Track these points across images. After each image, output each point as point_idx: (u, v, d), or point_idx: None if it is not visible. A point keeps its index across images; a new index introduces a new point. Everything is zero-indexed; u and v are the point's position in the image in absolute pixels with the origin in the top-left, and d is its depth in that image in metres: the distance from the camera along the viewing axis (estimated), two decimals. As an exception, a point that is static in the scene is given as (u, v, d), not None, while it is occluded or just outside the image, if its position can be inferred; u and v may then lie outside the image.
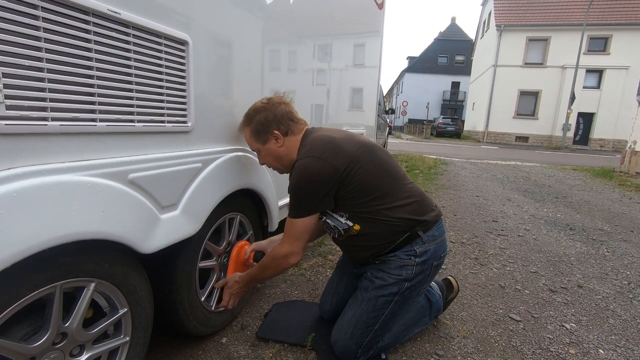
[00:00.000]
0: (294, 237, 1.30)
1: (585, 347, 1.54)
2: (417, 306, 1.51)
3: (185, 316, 1.30)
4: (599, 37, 17.99)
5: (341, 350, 1.35)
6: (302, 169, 1.24)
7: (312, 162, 1.23)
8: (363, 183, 1.26)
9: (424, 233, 1.33)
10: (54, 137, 0.78)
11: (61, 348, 0.87)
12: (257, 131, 1.33)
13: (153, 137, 1.04)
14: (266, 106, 1.32)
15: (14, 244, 0.68)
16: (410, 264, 1.31)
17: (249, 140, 1.38)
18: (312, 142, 1.29)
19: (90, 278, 0.89)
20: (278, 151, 1.35)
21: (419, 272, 1.32)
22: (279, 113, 1.32)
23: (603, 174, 7.47)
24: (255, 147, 1.38)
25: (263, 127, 1.32)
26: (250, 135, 1.36)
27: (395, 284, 1.31)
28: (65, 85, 0.79)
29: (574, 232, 3.28)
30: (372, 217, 1.29)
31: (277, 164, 1.40)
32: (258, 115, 1.32)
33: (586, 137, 18.85)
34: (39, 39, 0.73)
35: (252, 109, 1.35)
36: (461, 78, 33.61)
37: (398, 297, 1.32)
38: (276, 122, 1.32)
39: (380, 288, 1.33)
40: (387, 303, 1.33)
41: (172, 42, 1.06)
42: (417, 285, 1.34)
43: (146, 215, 0.99)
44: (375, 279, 1.34)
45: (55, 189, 0.75)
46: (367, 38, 3.49)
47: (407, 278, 1.31)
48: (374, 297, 1.33)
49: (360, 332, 1.33)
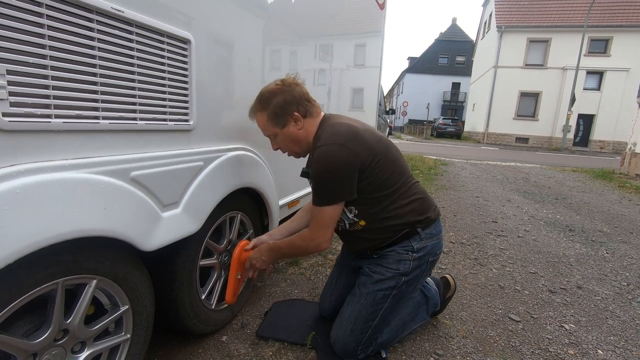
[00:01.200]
0: (322, 224, 1.27)
1: (584, 348, 1.55)
2: (414, 301, 1.52)
3: (186, 314, 1.30)
4: (600, 38, 17.99)
5: (341, 347, 1.35)
6: (328, 156, 1.19)
7: (338, 149, 1.19)
8: (380, 177, 1.26)
9: (423, 230, 1.35)
10: (57, 135, 0.78)
11: (63, 345, 0.88)
12: (275, 115, 1.27)
13: (155, 135, 1.05)
14: (282, 88, 1.26)
15: (17, 240, 0.68)
16: (408, 259, 1.33)
17: (265, 125, 1.31)
18: (334, 128, 1.26)
19: (92, 275, 0.90)
20: (297, 134, 1.30)
21: (416, 267, 1.34)
22: (296, 94, 1.27)
23: (603, 176, 7.47)
24: (272, 132, 1.32)
25: (282, 109, 1.26)
26: (267, 119, 1.28)
27: (392, 278, 1.33)
28: (69, 82, 0.79)
29: (573, 233, 3.29)
30: (381, 214, 1.31)
31: (295, 148, 1.36)
32: (275, 97, 1.25)
33: (586, 139, 18.85)
34: (43, 36, 0.73)
35: (267, 92, 1.28)
36: (462, 79, 33.60)
37: (396, 291, 1.34)
38: (295, 104, 1.27)
39: (378, 282, 1.34)
40: (386, 297, 1.34)
41: (175, 41, 1.07)
42: (414, 280, 1.36)
43: (148, 213, 1.00)
44: (374, 274, 1.36)
45: (58, 186, 0.75)
46: (368, 38, 3.49)
47: (404, 272, 1.33)
48: (373, 292, 1.34)
49: (360, 328, 1.34)
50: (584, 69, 17.11)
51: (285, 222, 1.60)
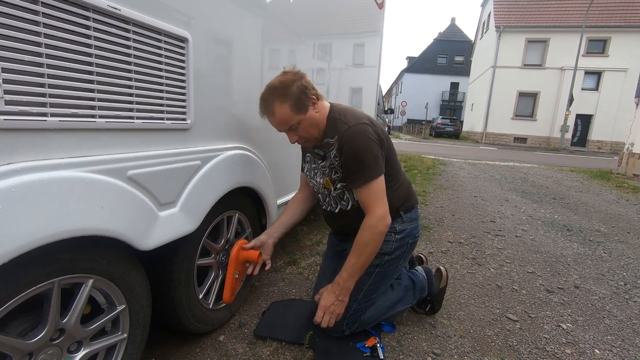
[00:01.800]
0: (380, 197, 1.30)
1: (581, 347, 1.55)
2: (400, 286, 1.60)
3: (183, 314, 1.30)
4: (598, 39, 18.04)
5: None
6: (364, 134, 1.29)
7: (367, 127, 1.31)
8: (388, 157, 1.39)
9: (405, 214, 1.49)
10: (53, 133, 0.78)
11: (59, 344, 0.87)
12: (299, 100, 1.27)
13: (152, 134, 1.04)
14: (294, 76, 1.29)
15: (13, 239, 0.67)
16: (391, 240, 1.45)
17: (287, 115, 1.28)
18: (352, 112, 1.37)
19: (88, 275, 0.89)
20: (317, 117, 1.34)
21: (398, 247, 1.47)
22: (307, 80, 1.32)
23: (600, 176, 7.50)
24: (295, 120, 1.29)
25: (303, 93, 1.28)
26: (290, 108, 1.27)
27: (376, 257, 1.39)
28: (65, 81, 0.79)
29: (571, 233, 3.30)
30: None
31: (315, 133, 1.37)
32: (293, 85, 1.26)
33: (584, 139, 18.91)
34: (39, 34, 0.73)
35: (280, 83, 1.27)
36: (460, 79, 33.67)
37: (379, 269, 1.45)
38: (310, 87, 1.31)
39: None
40: (369, 275, 1.44)
41: (172, 39, 1.06)
42: (396, 260, 1.48)
43: (145, 212, 0.99)
44: None
45: (54, 185, 0.75)
46: (366, 38, 3.49)
47: (387, 252, 1.44)
48: None
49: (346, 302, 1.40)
50: (582, 69, 17.15)
51: (279, 219, 1.60)
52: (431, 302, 1.72)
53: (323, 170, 1.45)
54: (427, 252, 2.59)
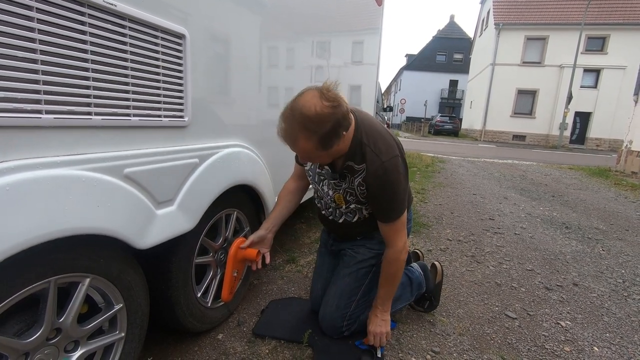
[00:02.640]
0: (402, 230, 1.35)
1: (580, 345, 1.55)
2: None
3: (181, 312, 1.29)
4: (597, 36, 18.03)
5: (329, 323, 1.44)
6: (396, 170, 1.25)
7: (398, 160, 1.27)
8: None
9: None
10: (48, 131, 0.77)
11: (55, 344, 0.87)
12: (328, 140, 1.14)
13: (149, 131, 1.03)
14: (332, 112, 1.09)
15: (7, 238, 0.67)
16: None
17: (310, 150, 1.16)
18: (379, 136, 1.27)
19: (84, 274, 0.89)
20: (338, 149, 1.23)
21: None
22: (345, 111, 1.13)
23: (599, 173, 7.51)
24: (316, 155, 1.20)
25: (336, 134, 1.14)
26: (316, 145, 1.14)
27: (374, 257, 1.48)
28: (60, 77, 0.78)
29: (569, 230, 3.30)
30: None
31: (329, 160, 1.29)
32: (328, 124, 1.10)
33: (583, 137, 18.94)
34: (33, 30, 0.71)
35: (316, 116, 1.08)
36: (459, 76, 33.63)
37: (376, 268, 1.47)
38: (344, 124, 1.15)
39: (361, 262, 1.49)
40: (367, 274, 1.48)
41: (169, 36, 1.05)
42: None
43: (142, 211, 0.98)
44: (357, 254, 1.50)
45: (49, 183, 0.74)
46: (365, 35, 3.48)
47: (382, 251, 1.43)
48: (356, 270, 1.48)
49: (344, 302, 1.44)
50: (581, 67, 17.15)
51: (273, 212, 1.57)
52: (429, 298, 1.72)
53: (336, 187, 1.39)
54: (426, 250, 2.59)
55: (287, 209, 1.58)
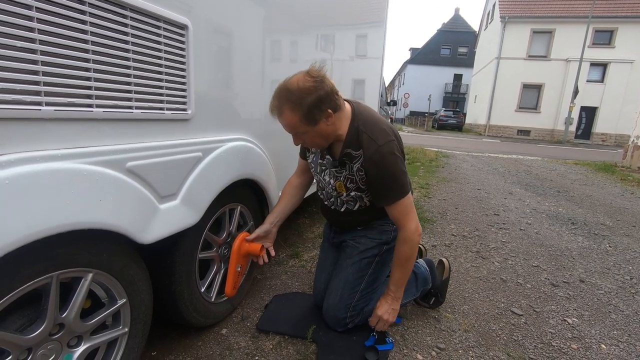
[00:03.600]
0: (411, 212, 1.34)
1: (587, 342, 1.53)
2: None
3: (185, 307, 1.28)
4: (605, 30, 17.76)
5: (332, 314, 1.44)
6: (392, 153, 1.28)
7: (394, 144, 1.30)
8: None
9: None
10: (49, 123, 0.75)
11: (58, 339, 0.86)
12: (310, 114, 1.19)
13: (152, 124, 1.01)
14: (315, 85, 1.17)
15: (8, 233, 0.65)
16: (389, 230, 1.49)
17: (295, 124, 1.22)
18: (375, 122, 1.32)
19: (87, 269, 0.87)
20: (327, 130, 1.27)
21: (395, 237, 1.44)
22: (328, 90, 1.20)
23: (605, 169, 7.43)
24: (301, 129, 1.24)
25: (317, 108, 1.19)
26: (300, 119, 1.20)
27: (376, 246, 1.48)
28: (60, 68, 0.75)
29: (575, 226, 3.27)
30: None
31: (323, 143, 1.33)
32: (310, 96, 1.17)
33: (588, 132, 18.75)
34: (32, 19, 0.69)
35: (298, 90, 1.17)
36: (464, 70, 33.32)
37: (379, 257, 1.48)
38: (328, 100, 1.20)
39: (363, 252, 1.48)
40: (370, 264, 1.48)
41: (172, 26, 1.03)
42: (393, 248, 1.45)
43: (145, 205, 0.97)
44: (359, 245, 1.49)
45: (50, 176, 0.72)
46: (370, 28, 3.43)
47: (385, 241, 1.48)
48: (358, 260, 1.47)
49: (348, 293, 1.44)
50: (587, 61, 16.93)
51: (277, 206, 1.58)
52: (435, 294, 1.70)
53: (337, 175, 1.42)
54: (431, 245, 2.57)
55: (292, 203, 1.59)
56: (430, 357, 1.39)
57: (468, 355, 1.41)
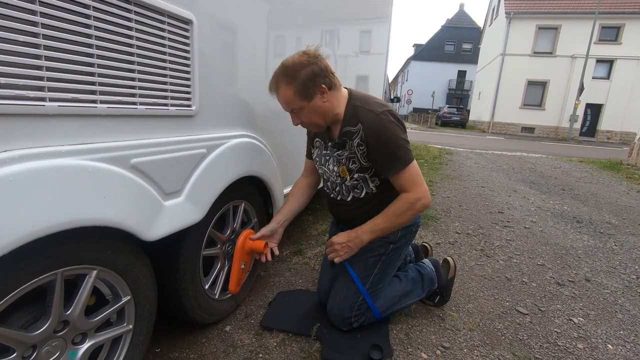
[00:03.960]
0: (418, 180, 1.31)
1: (594, 342, 1.52)
2: (407, 278, 1.58)
3: (189, 304, 1.28)
4: (611, 26, 17.55)
5: (337, 313, 1.43)
6: (392, 120, 1.27)
7: (393, 114, 1.29)
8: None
9: None
10: (53, 119, 0.74)
11: (63, 336, 0.85)
12: (304, 87, 1.22)
13: (156, 120, 1.00)
14: (309, 59, 1.22)
15: (13, 230, 0.64)
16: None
17: (290, 99, 1.25)
18: (372, 99, 1.33)
19: (91, 266, 0.87)
20: (323, 107, 1.28)
21: (402, 236, 1.47)
22: (322, 66, 1.24)
23: (610, 167, 7.37)
24: (298, 105, 1.26)
25: (311, 81, 1.22)
26: (294, 93, 1.23)
27: (382, 245, 1.45)
28: (64, 63, 0.74)
29: (581, 224, 3.24)
30: (389, 184, 1.37)
31: (320, 121, 1.33)
32: (303, 70, 1.21)
33: (593, 129, 18.59)
34: (35, 12, 0.68)
35: (292, 64, 1.22)
36: (468, 67, 33.08)
37: (384, 257, 1.46)
38: (322, 76, 1.24)
39: (369, 250, 1.44)
40: (376, 262, 1.46)
41: (176, 21, 1.01)
42: (400, 248, 1.49)
43: (149, 202, 0.96)
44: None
45: (54, 173, 0.72)
46: (375, 23, 3.39)
47: (392, 240, 1.46)
48: (364, 259, 1.45)
49: (353, 292, 1.43)
50: (593, 57, 16.74)
51: (286, 205, 1.57)
52: (440, 293, 1.69)
53: (339, 159, 1.40)
54: (435, 243, 2.55)
55: (299, 203, 1.58)
56: (435, 355, 1.38)
57: (473, 355, 1.40)
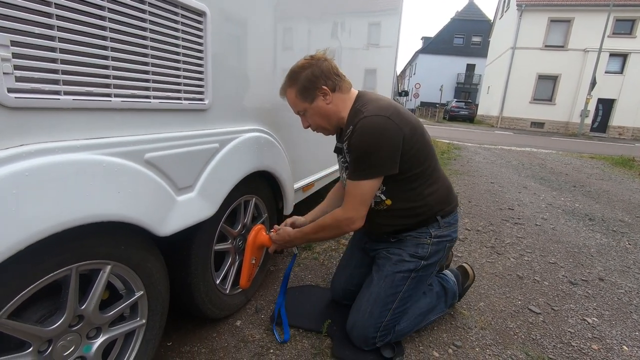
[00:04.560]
0: (359, 201, 1.24)
1: (609, 343, 1.49)
2: (432, 293, 1.50)
3: (201, 299, 1.28)
4: (626, 19, 17.11)
5: (360, 333, 1.30)
6: (372, 127, 1.17)
7: (382, 120, 1.17)
8: (417, 155, 1.25)
9: (442, 219, 1.36)
10: (67, 113, 0.73)
11: (78, 330, 0.85)
12: (304, 89, 1.25)
13: (169, 115, 0.99)
14: (310, 62, 1.25)
15: (28, 226, 0.64)
16: (426, 244, 1.35)
17: (294, 101, 1.29)
18: (377, 103, 1.23)
19: (106, 260, 0.86)
20: (326, 109, 1.28)
21: (434, 252, 1.35)
22: (324, 68, 1.25)
23: (622, 163, 7.24)
24: (301, 107, 1.29)
25: (311, 83, 1.24)
26: (296, 95, 1.27)
27: (411, 261, 1.34)
28: (78, 56, 0.73)
29: (593, 222, 3.19)
30: (408, 193, 1.30)
31: (325, 124, 1.33)
32: (304, 72, 1.24)
33: (605, 125, 18.25)
34: (50, 4, 0.67)
35: (295, 67, 1.27)
36: (477, 60, 32.55)
37: (414, 274, 1.34)
38: (323, 77, 1.24)
39: (397, 264, 1.34)
40: (404, 279, 1.34)
41: (189, 13, 0.99)
42: (432, 265, 1.37)
43: (162, 197, 0.95)
44: (392, 256, 1.37)
45: (70, 168, 0.71)
46: (386, 15, 3.33)
47: (422, 256, 1.34)
48: (392, 274, 1.34)
49: (379, 311, 1.31)
50: (606, 51, 16.36)
51: (318, 206, 1.58)
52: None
53: (342, 165, 1.39)
54: (444, 240, 2.53)
55: (334, 205, 1.53)
56: (446, 354, 1.37)
57: (485, 354, 1.38)
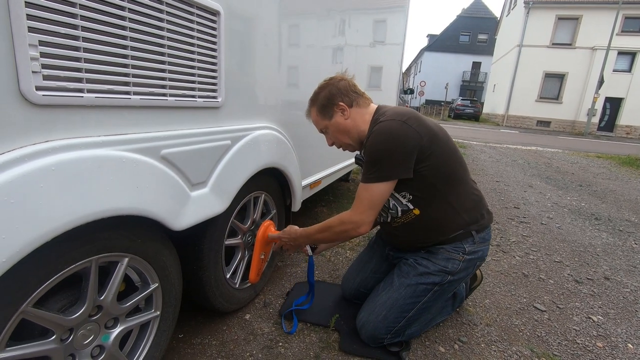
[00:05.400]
0: (368, 205, 1.22)
1: (614, 341, 1.51)
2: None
3: (212, 292, 1.31)
4: (635, 16, 16.87)
5: (370, 331, 1.31)
6: (386, 130, 1.18)
7: (397, 124, 1.18)
8: (439, 162, 1.22)
9: (477, 234, 1.32)
10: (90, 110, 0.75)
11: (97, 320, 0.89)
12: (322, 107, 1.33)
13: (184, 112, 1.01)
14: (329, 82, 1.34)
15: (54, 219, 0.67)
16: (458, 259, 1.30)
17: (316, 119, 1.38)
18: (393, 110, 1.27)
19: (123, 253, 0.89)
20: (345, 124, 1.32)
21: (464, 269, 1.31)
22: (341, 86, 1.32)
23: (629, 163, 7.18)
24: (323, 125, 1.37)
25: (328, 101, 1.32)
26: (317, 113, 1.36)
27: (438, 274, 1.30)
28: (100, 55, 0.76)
29: (599, 222, 3.18)
30: (438, 202, 1.26)
31: (346, 139, 1.36)
32: (322, 92, 1.34)
33: (612, 124, 18.07)
34: (74, 5, 0.69)
35: (317, 88, 1.36)
36: (483, 58, 32.31)
37: (438, 287, 1.31)
38: (340, 95, 1.31)
39: (422, 275, 1.31)
40: (427, 291, 1.31)
41: (204, 12, 1.02)
42: (458, 281, 1.34)
43: (178, 192, 0.98)
44: (419, 266, 1.33)
45: (93, 163, 0.73)
46: (394, 13, 3.33)
47: (451, 271, 1.30)
48: (415, 284, 1.31)
49: (394, 316, 1.30)
50: (615, 49, 16.17)
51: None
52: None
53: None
54: (450, 238, 2.54)
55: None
56: (452, 350, 1.39)
57: (491, 350, 1.40)
